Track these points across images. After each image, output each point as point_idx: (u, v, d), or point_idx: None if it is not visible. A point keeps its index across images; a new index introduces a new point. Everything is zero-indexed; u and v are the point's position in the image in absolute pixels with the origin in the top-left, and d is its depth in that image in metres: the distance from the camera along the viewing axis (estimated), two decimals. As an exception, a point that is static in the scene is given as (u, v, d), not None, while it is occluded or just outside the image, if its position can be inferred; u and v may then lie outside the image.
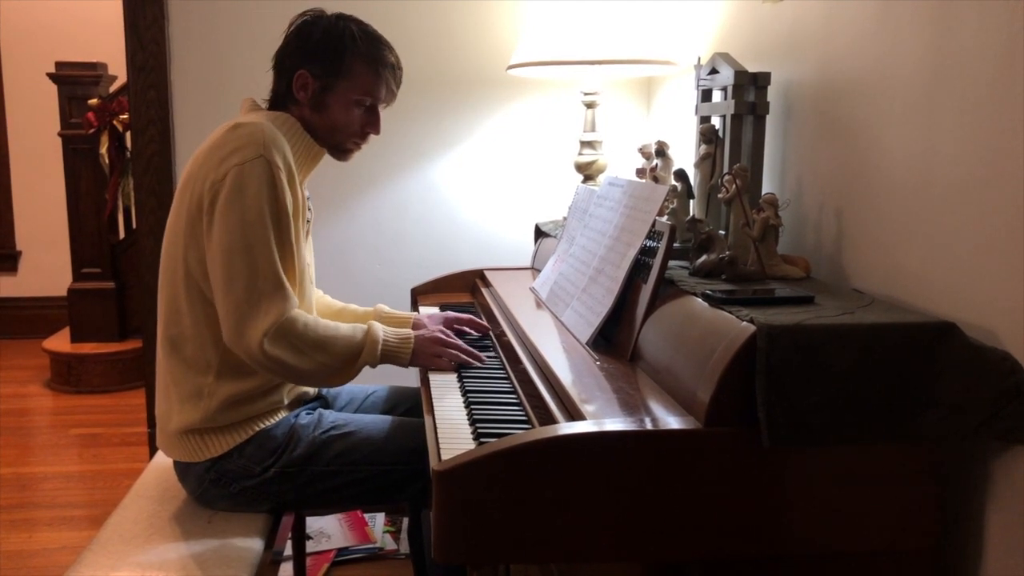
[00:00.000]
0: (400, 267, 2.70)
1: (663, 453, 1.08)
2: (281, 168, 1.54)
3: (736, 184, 1.51)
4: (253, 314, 1.50)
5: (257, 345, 1.50)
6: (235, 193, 1.50)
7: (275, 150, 1.54)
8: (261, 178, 1.51)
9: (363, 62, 1.66)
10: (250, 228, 1.50)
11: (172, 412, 1.62)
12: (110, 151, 4.24)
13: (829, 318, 1.14)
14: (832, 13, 1.59)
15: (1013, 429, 1.13)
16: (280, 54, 1.69)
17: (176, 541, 1.55)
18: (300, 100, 1.66)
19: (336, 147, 1.73)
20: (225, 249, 1.51)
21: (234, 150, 1.53)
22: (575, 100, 2.49)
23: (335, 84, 1.65)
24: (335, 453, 1.64)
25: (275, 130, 1.58)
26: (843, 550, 1.15)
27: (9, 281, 5.22)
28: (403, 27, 2.59)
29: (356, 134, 1.72)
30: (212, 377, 1.59)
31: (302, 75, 1.64)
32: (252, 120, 1.59)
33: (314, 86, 1.65)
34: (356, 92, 1.67)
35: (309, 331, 1.55)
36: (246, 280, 1.50)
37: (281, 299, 1.52)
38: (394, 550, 2.54)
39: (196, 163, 1.59)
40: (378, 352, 1.62)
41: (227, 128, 1.58)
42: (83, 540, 2.61)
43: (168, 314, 1.62)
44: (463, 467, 1.06)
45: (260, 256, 1.51)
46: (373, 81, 1.68)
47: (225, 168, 1.51)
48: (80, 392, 4.16)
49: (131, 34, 2.55)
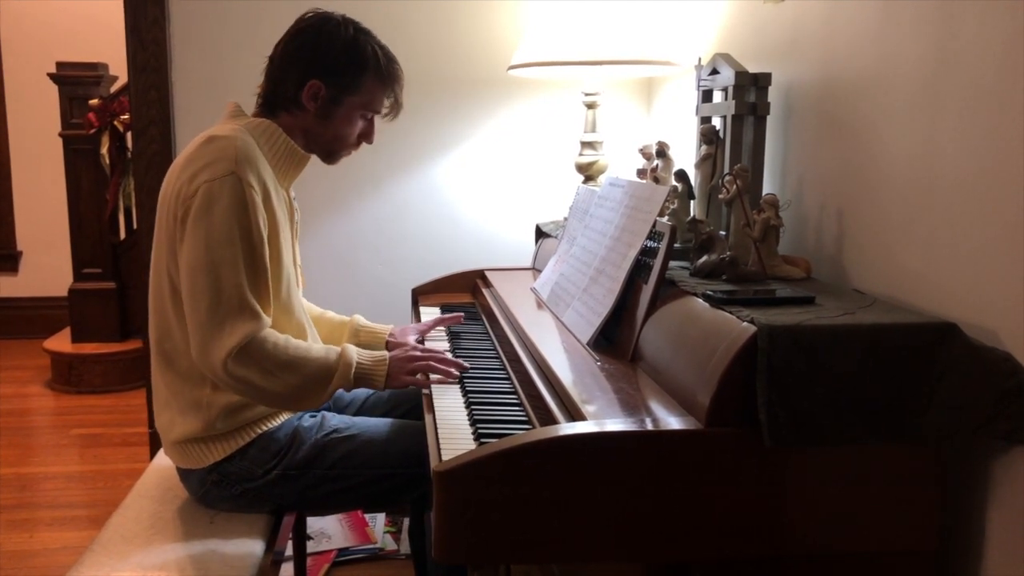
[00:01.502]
0: (401, 267, 2.70)
1: (664, 453, 1.08)
2: (254, 186, 1.51)
3: (737, 185, 1.51)
4: (216, 334, 1.48)
5: (220, 365, 1.48)
6: (204, 210, 1.48)
7: (248, 167, 1.51)
8: (231, 196, 1.48)
9: (377, 80, 1.66)
10: (216, 247, 1.48)
11: (174, 423, 1.61)
12: (111, 151, 4.24)
13: (830, 319, 1.14)
14: (833, 13, 1.59)
15: (1014, 430, 1.13)
16: (290, 56, 1.64)
17: (177, 541, 1.55)
18: (307, 108, 1.64)
19: (330, 153, 1.72)
20: (191, 266, 1.49)
21: (206, 165, 1.50)
22: (576, 100, 2.49)
23: (345, 98, 1.64)
24: (337, 456, 1.64)
25: (250, 144, 1.55)
26: (844, 550, 1.15)
27: (10, 281, 5.22)
28: (405, 27, 2.59)
29: (353, 143, 1.72)
30: (208, 388, 1.58)
31: (315, 85, 1.62)
32: (227, 133, 1.55)
33: (324, 97, 1.63)
34: (364, 106, 1.67)
35: (279, 351, 1.52)
36: (209, 300, 1.48)
37: (246, 320, 1.49)
38: (395, 550, 2.54)
39: (172, 176, 1.57)
40: (351, 375, 1.59)
41: (202, 141, 1.56)
42: (84, 540, 2.61)
43: (159, 329, 1.61)
44: (464, 467, 1.06)
45: (225, 276, 1.48)
46: (380, 98, 1.68)
47: (196, 184, 1.49)
48: (81, 392, 4.16)
49: (132, 34, 2.55)
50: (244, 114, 1.67)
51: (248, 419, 1.62)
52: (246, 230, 1.50)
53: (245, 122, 1.63)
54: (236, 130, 1.58)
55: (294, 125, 1.66)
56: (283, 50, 1.65)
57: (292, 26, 1.67)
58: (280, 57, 1.65)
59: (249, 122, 1.63)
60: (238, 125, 1.61)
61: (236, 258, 1.49)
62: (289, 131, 1.65)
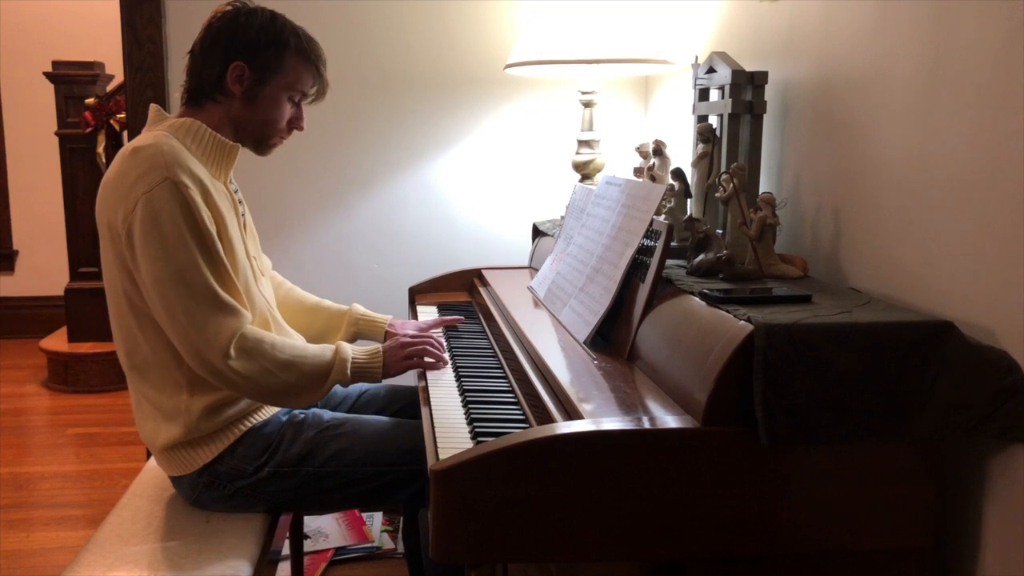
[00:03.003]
0: (398, 266, 2.70)
1: (661, 452, 1.08)
2: (189, 185, 1.50)
3: (733, 183, 1.51)
4: (202, 338, 1.48)
5: (222, 363, 1.49)
6: (150, 223, 1.47)
7: (179, 168, 1.50)
8: (172, 201, 1.47)
9: (300, 57, 1.65)
10: (174, 254, 1.47)
11: (158, 432, 1.61)
12: (107, 150, 4.24)
13: (827, 317, 1.14)
14: (830, 12, 1.59)
15: (1011, 427, 1.13)
16: (210, 43, 1.63)
17: (173, 540, 1.55)
18: (233, 92, 1.62)
19: (261, 141, 1.70)
20: (155, 281, 1.48)
21: (138, 178, 1.49)
22: (573, 99, 2.49)
23: (270, 78, 1.63)
24: (331, 453, 1.64)
25: (175, 146, 1.54)
26: (841, 548, 1.15)
27: (6, 281, 5.21)
28: (400, 26, 2.59)
29: (283, 129, 1.70)
30: (185, 395, 1.58)
31: (238, 67, 1.61)
32: (150, 141, 1.54)
33: (249, 79, 1.62)
34: (289, 87, 1.66)
35: (277, 351, 1.54)
36: (184, 307, 1.48)
37: (227, 315, 1.50)
38: (391, 549, 2.54)
39: (105, 193, 1.55)
40: (347, 371, 1.61)
41: (127, 154, 1.54)
42: (80, 540, 2.61)
43: (126, 344, 1.60)
44: (461, 466, 1.06)
45: (192, 279, 1.48)
46: (308, 76, 1.68)
47: (133, 198, 1.48)
48: (77, 392, 4.16)
49: (128, 33, 2.54)
50: (166, 116, 1.65)
51: (231, 417, 1.62)
52: (196, 230, 1.49)
53: (167, 124, 1.61)
54: (158, 136, 1.56)
55: (222, 115, 1.64)
56: (202, 39, 1.64)
57: (208, 19, 1.66)
58: (200, 47, 1.64)
59: (171, 124, 1.62)
60: (160, 130, 1.59)
61: (195, 259, 1.49)
62: (217, 124, 1.64)
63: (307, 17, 1.82)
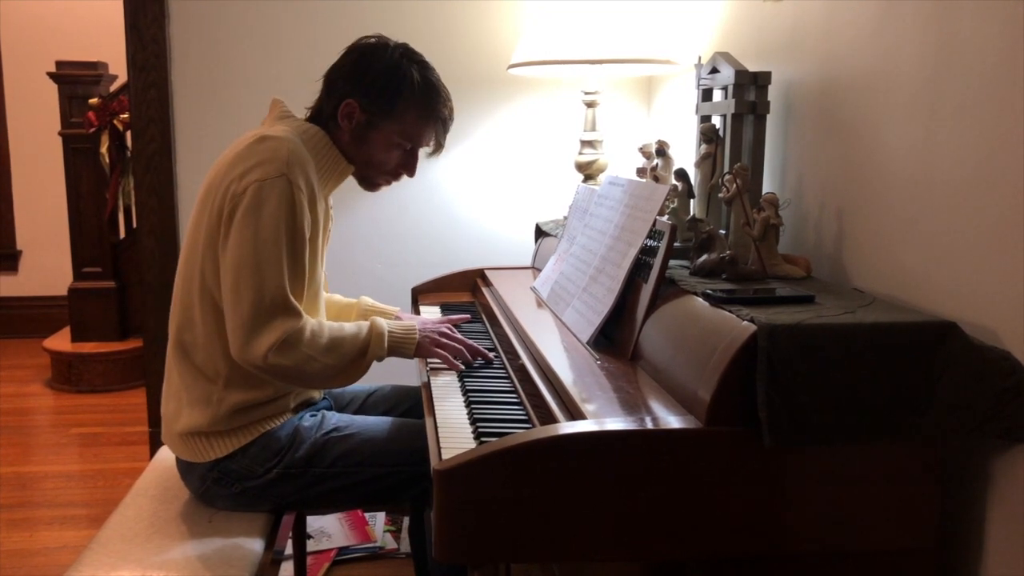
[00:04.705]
0: (401, 266, 2.70)
1: (664, 452, 1.08)
2: (302, 189, 1.53)
3: (737, 183, 1.51)
4: (258, 332, 1.49)
5: (262, 359, 1.50)
6: (253, 209, 1.49)
7: (298, 170, 1.52)
8: (280, 198, 1.50)
9: (416, 109, 1.65)
10: (263, 246, 1.49)
11: (181, 413, 1.62)
12: (110, 150, 4.24)
13: (830, 317, 1.14)
14: (833, 12, 1.59)
15: (1013, 428, 1.13)
16: (333, 73, 1.66)
17: (177, 540, 1.55)
18: (342, 127, 1.65)
19: (364, 179, 1.73)
20: (236, 264, 1.50)
21: (257, 164, 1.51)
22: (576, 99, 2.49)
23: (381, 123, 1.64)
24: (337, 455, 1.64)
25: (300, 147, 1.56)
26: (844, 549, 1.15)
27: (10, 280, 5.22)
28: (404, 26, 2.58)
29: (390, 172, 1.72)
30: (221, 385, 1.59)
31: (350, 104, 1.62)
32: (279, 133, 1.56)
33: (359, 118, 1.63)
34: (400, 136, 1.66)
35: (316, 337, 1.54)
36: (252, 297, 1.49)
37: (286, 318, 1.51)
38: (394, 549, 2.54)
39: (218, 172, 1.57)
40: (385, 345, 1.62)
41: (253, 139, 1.56)
42: (84, 539, 2.61)
43: (181, 320, 1.61)
44: (464, 466, 1.06)
45: (269, 275, 1.49)
46: (421, 130, 1.67)
47: (246, 182, 1.50)
48: (81, 391, 4.17)
49: (132, 33, 2.55)
50: (292, 115, 1.68)
51: (254, 418, 1.63)
52: (292, 232, 1.51)
53: (295, 125, 1.64)
54: (287, 132, 1.59)
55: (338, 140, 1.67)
56: (333, 66, 1.67)
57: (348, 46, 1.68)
58: (328, 74, 1.68)
59: (299, 125, 1.64)
60: (289, 127, 1.61)
61: (280, 259, 1.50)
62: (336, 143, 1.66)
63: (309, 17, 1.82)
